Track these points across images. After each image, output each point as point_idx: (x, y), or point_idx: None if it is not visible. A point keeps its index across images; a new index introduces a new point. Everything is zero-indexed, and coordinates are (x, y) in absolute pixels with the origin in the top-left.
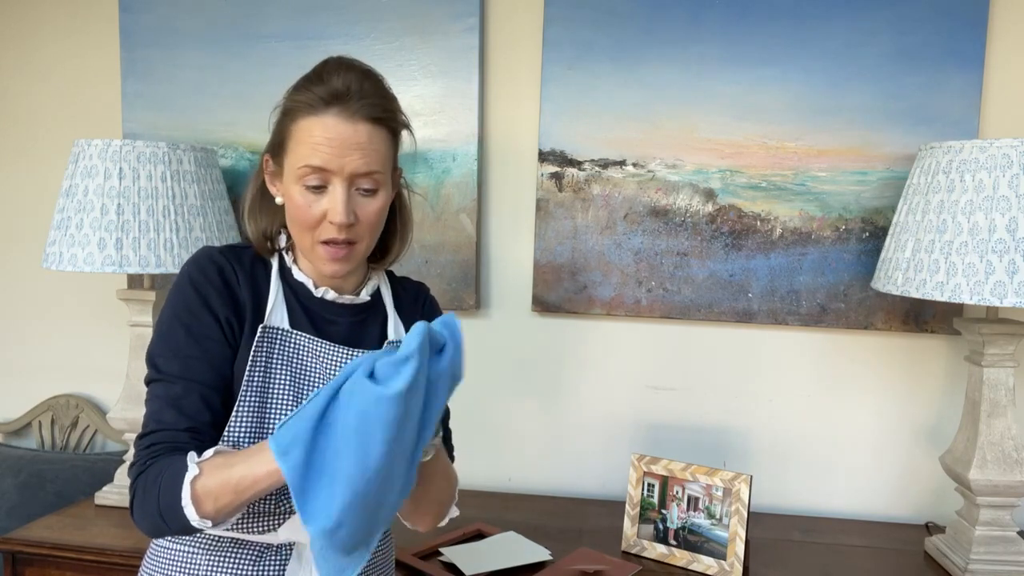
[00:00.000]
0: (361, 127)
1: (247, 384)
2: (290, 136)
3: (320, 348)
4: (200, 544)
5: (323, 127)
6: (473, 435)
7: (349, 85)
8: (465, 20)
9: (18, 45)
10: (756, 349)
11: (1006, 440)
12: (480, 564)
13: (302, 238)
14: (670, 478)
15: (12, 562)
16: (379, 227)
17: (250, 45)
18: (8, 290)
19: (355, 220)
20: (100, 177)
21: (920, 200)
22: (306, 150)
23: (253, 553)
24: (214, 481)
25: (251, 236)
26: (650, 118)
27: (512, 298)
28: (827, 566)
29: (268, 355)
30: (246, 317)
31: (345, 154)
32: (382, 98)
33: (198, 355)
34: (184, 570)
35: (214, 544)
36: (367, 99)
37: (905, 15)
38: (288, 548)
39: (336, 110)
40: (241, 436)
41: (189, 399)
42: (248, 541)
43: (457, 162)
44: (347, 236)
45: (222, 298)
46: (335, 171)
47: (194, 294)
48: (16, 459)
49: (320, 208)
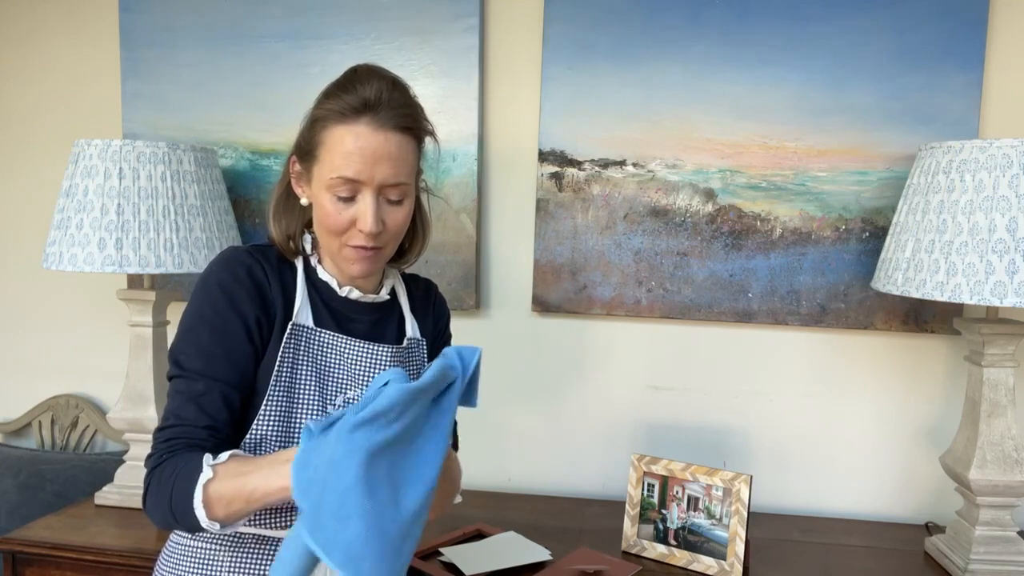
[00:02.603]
0: (391, 137)
1: (275, 381)
2: (320, 143)
3: (344, 344)
4: (220, 541)
5: (354, 136)
6: (473, 435)
7: (379, 94)
8: (465, 20)
9: (18, 45)
10: (756, 349)
11: (1006, 440)
12: (480, 564)
13: (330, 242)
14: (670, 478)
15: (12, 562)
16: (404, 232)
17: (250, 45)
18: (8, 290)
19: (383, 228)
20: (100, 177)
21: (920, 200)
22: (338, 160)
23: (273, 548)
24: (227, 487)
25: (276, 237)
26: (650, 118)
27: (512, 298)
28: (827, 566)
29: (295, 353)
30: (276, 315)
31: (375, 164)
32: (410, 107)
33: (221, 353)
34: (204, 566)
35: (235, 540)
36: (396, 108)
37: (905, 15)
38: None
39: (367, 119)
40: (268, 432)
41: (210, 396)
42: (268, 536)
43: (457, 162)
44: (375, 243)
45: (251, 297)
46: (365, 181)
47: (220, 293)
48: (16, 459)
49: (349, 216)
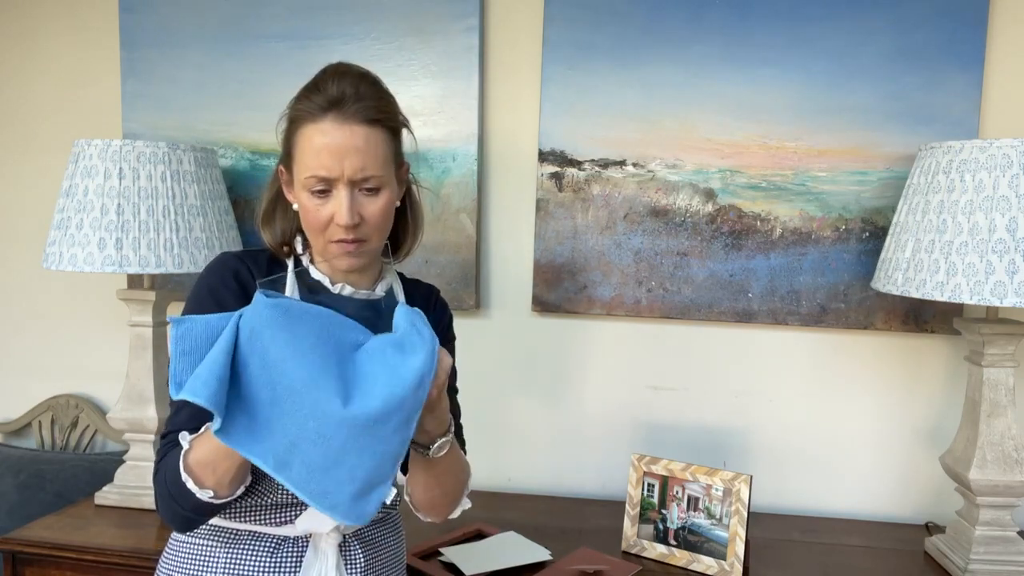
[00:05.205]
0: (357, 129)
1: None
2: (295, 145)
3: None
4: (218, 537)
5: (321, 133)
6: (473, 435)
7: (344, 91)
8: (465, 20)
9: (18, 45)
10: (756, 349)
11: (1006, 440)
12: (480, 564)
13: (316, 240)
14: (670, 478)
15: (12, 562)
16: (387, 223)
17: (250, 45)
18: (8, 290)
19: (360, 220)
20: (100, 177)
21: (920, 200)
22: (309, 159)
23: (270, 545)
24: (204, 451)
25: (267, 242)
26: (650, 118)
27: (512, 298)
28: (827, 566)
29: None
30: None
31: (343, 158)
32: (377, 99)
33: None
34: (202, 563)
35: (232, 537)
36: (362, 102)
37: (905, 15)
38: (305, 540)
39: (332, 116)
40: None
41: None
42: (265, 533)
43: (457, 162)
44: (355, 235)
45: (236, 299)
46: (336, 176)
47: (208, 296)
48: (16, 459)
49: (327, 212)
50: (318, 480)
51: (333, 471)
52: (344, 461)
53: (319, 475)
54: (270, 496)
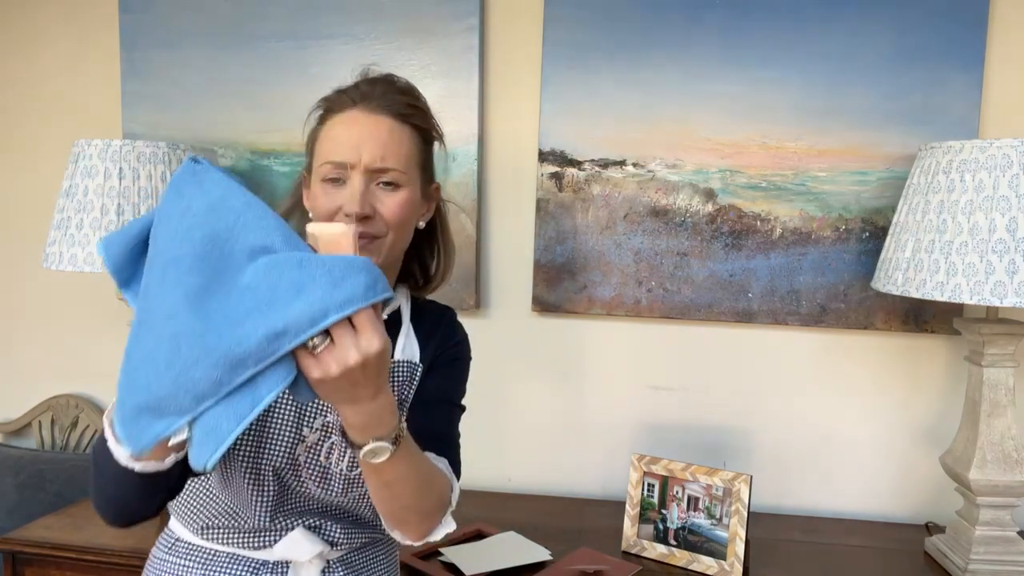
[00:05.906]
0: (383, 120)
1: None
2: (316, 139)
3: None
4: (195, 557)
5: (343, 123)
6: (473, 435)
7: (375, 87)
8: (465, 20)
9: (18, 46)
10: (756, 349)
11: (1006, 440)
12: (480, 564)
13: None
14: (670, 478)
15: (12, 562)
16: (404, 221)
17: (250, 45)
18: (8, 290)
19: (372, 212)
20: (100, 177)
21: (920, 200)
22: (328, 146)
23: (248, 569)
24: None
25: None
26: (650, 118)
27: (512, 298)
28: (827, 566)
29: None
30: None
31: (362, 144)
32: (412, 99)
33: None
34: None
35: (210, 557)
36: (395, 96)
37: (905, 15)
38: (284, 566)
39: (360, 106)
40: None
41: None
42: (244, 556)
43: (457, 162)
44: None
45: None
46: (353, 162)
47: None
48: (16, 459)
49: (337, 200)
50: (132, 367)
51: (142, 368)
52: (154, 360)
53: (133, 362)
54: (248, 520)
